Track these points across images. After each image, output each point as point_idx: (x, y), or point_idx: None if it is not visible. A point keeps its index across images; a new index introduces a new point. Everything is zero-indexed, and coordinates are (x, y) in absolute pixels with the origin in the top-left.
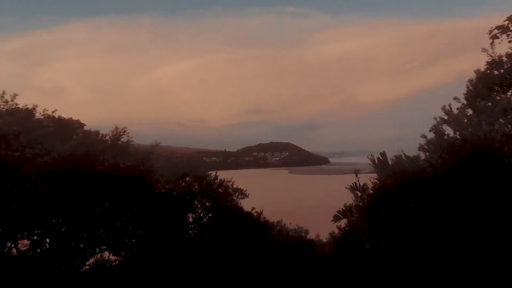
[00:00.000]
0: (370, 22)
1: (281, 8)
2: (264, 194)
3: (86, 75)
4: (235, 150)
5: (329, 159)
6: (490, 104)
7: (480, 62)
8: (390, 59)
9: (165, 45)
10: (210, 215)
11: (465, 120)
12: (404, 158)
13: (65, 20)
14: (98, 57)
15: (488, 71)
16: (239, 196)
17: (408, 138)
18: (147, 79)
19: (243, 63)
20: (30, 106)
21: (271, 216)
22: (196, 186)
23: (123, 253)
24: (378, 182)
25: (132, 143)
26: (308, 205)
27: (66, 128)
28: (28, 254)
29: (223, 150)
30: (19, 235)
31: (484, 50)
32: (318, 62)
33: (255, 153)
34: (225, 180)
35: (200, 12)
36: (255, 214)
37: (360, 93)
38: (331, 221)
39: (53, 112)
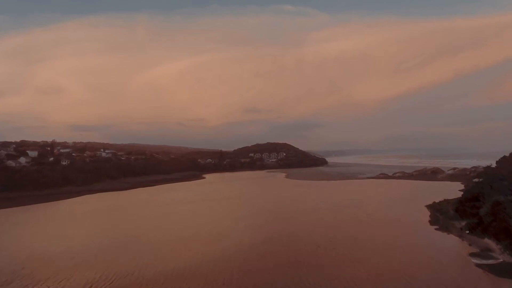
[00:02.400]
0: (368, 21)
1: (279, 6)
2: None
3: (84, 73)
4: (233, 148)
5: (327, 158)
6: None
7: (478, 60)
8: (389, 57)
9: (162, 43)
10: None
11: None
12: None
13: (62, 18)
14: (96, 56)
15: None
16: None
17: (406, 137)
18: (145, 78)
19: (240, 61)
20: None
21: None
22: None
23: None
24: None
25: None
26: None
27: None
28: None
29: (220, 149)
30: None
31: None
32: (316, 60)
33: (252, 154)
34: None
35: (198, 11)
36: None
37: (358, 92)
38: None
39: None
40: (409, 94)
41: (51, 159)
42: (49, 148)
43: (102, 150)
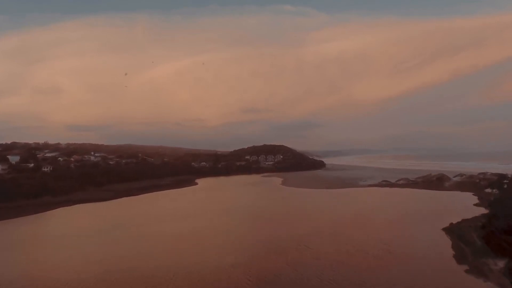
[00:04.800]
0: (368, 21)
1: (279, 6)
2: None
3: (83, 73)
4: (232, 149)
5: (325, 159)
6: None
7: (478, 60)
8: (388, 57)
9: (161, 43)
10: None
11: None
12: None
13: (62, 18)
14: (95, 56)
15: None
16: None
17: (406, 137)
18: (144, 78)
19: (240, 61)
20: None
21: None
22: None
23: None
24: None
25: None
26: None
27: None
28: None
29: (215, 151)
30: None
31: None
32: (316, 60)
33: (248, 156)
34: None
35: (197, 11)
36: None
37: (358, 92)
38: None
39: None
40: (409, 94)
41: (32, 165)
42: (33, 151)
43: (92, 153)
